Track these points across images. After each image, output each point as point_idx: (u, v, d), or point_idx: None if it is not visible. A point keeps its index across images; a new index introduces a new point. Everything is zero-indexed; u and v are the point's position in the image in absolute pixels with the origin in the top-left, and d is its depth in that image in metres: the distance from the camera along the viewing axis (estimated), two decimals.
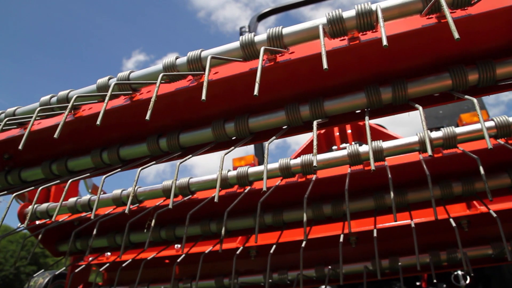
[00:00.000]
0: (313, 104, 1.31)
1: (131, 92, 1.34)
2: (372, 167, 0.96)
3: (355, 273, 1.84)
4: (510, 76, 1.23)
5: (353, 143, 1.49)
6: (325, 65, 0.90)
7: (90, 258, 2.12)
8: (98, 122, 1.03)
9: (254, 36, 1.23)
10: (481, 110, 3.21)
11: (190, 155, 1.32)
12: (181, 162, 1.18)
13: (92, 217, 1.17)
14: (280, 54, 1.27)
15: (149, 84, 1.35)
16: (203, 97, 0.94)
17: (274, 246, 1.54)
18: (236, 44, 1.24)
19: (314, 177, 1.49)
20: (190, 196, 1.64)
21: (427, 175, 1.26)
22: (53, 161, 1.59)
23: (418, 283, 2.55)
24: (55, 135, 1.06)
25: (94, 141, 1.59)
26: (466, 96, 1.11)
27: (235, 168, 1.74)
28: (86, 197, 1.75)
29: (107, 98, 1.11)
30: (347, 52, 1.23)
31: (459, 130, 1.42)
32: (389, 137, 2.73)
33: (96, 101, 1.41)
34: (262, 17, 4.42)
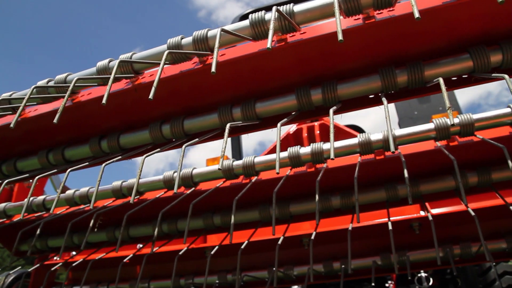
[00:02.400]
0: (245, 106, 1.31)
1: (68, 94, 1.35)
2: (277, 170, 0.96)
3: (300, 276, 1.84)
4: (438, 77, 1.21)
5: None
6: (213, 68, 0.90)
7: (56, 258, 2.15)
8: (12, 125, 1.05)
9: (182, 39, 1.24)
10: (455, 110, 3.16)
11: (120, 157, 1.33)
12: (106, 164, 1.20)
13: (21, 218, 1.19)
14: (211, 56, 1.28)
15: (87, 87, 1.37)
16: (104, 101, 0.95)
17: (216, 247, 1.55)
18: (164, 47, 1.25)
19: (254, 178, 1.49)
20: (139, 196, 1.65)
21: (355, 178, 1.26)
22: (3, 161, 1.63)
23: (387, 284, 2.53)
24: None
25: (43, 142, 1.61)
26: (383, 99, 1.10)
27: None
28: (41, 197, 1.78)
29: (22, 105, 1.13)
30: (277, 54, 1.23)
31: (398, 132, 1.41)
32: None
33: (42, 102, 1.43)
34: (244, 17, 4.41)
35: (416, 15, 0.81)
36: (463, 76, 1.29)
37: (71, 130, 1.56)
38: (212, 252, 1.51)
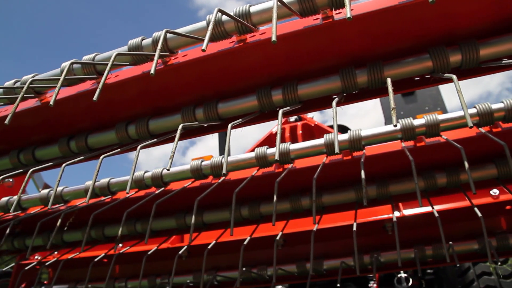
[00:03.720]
0: (207, 107, 1.32)
1: (33, 95, 1.37)
2: (224, 170, 0.96)
3: (281, 275, 1.84)
4: (398, 78, 1.21)
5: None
6: (152, 70, 0.91)
7: (36, 257, 2.17)
8: None
9: (142, 40, 1.24)
10: (439, 110, 3.14)
11: (82, 157, 1.34)
12: (66, 165, 1.21)
13: None
14: (174, 57, 1.29)
15: (51, 87, 1.38)
16: (51, 102, 0.96)
17: (185, 247, 1.55)
18: (124, 48, 1.25)
19: (222, 179, 1.49)
20: (111, 196, 1.66)
21: (313, 179, 1.26)
22: None
23: (370, 285, 2.52)
24: None
25: (16, 142, 1.63)
26: (333, 102, 1.10)
27: None
28: (16, 196, 1.80)
29: None
30: (239, 55, 1.24)
31: (364, 133, 1.40)
32: None
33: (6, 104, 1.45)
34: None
35: (348, 15, 0.80)
36: (426, 76, 1.29)
37: (42, 130, 1.57)
38: (180, 252, 1.52)
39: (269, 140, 3.03)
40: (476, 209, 1.32)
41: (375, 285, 2.57)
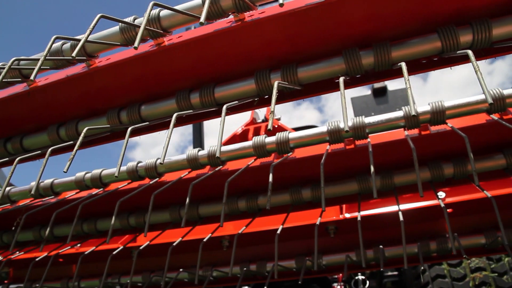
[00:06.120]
0: (130, 110, 1.33)
1: None
2: (117, 173, 0.97)
3: (225, 277, 1.85)
4: (312, 81, 1.21)
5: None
6: (33, 75, 0.92)
7: None
8: None
9: (62, 44, 1.26)
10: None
11: (6, 159, 1.37)
12: None
13: None
14: (98, 61, 1.31)
15: None
16: None
17: (120, 248, 1.57)
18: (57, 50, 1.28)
19: (154, 180, 1.51)
20: (53, 196, 1.69)
21: (226, 182, 1.26)
22: None
23: (335, 284, 2.51)
24: None
25: None
26: (224, 107, 1.10)
27: None
28: None
29: None
30: (159, 58, 1.26)
31: (292, 135, 1.40)
32: None
33: None
34: None
35: (202, 19, 0.81)
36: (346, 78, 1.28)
37: None
38: (115, 253, 1.54)
39: (233, 141, 3.03)
40: (400, 213, 1.31)
41: (339, 286, 2.55)
